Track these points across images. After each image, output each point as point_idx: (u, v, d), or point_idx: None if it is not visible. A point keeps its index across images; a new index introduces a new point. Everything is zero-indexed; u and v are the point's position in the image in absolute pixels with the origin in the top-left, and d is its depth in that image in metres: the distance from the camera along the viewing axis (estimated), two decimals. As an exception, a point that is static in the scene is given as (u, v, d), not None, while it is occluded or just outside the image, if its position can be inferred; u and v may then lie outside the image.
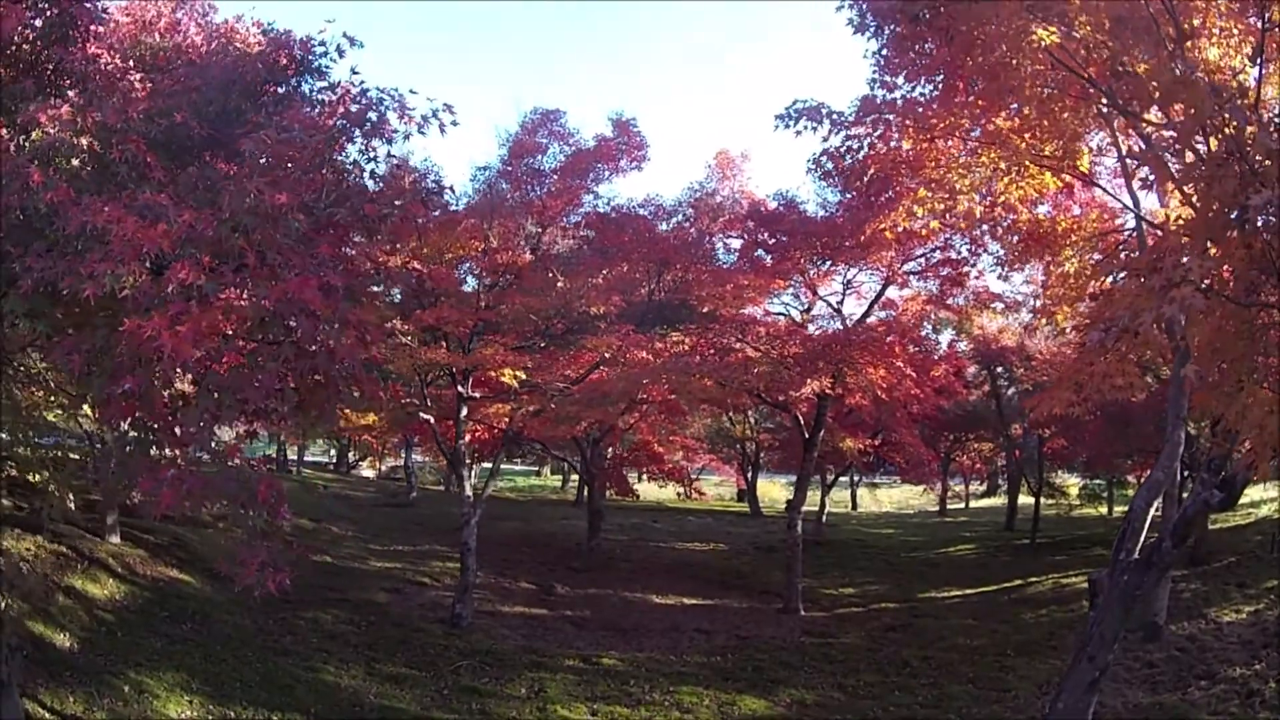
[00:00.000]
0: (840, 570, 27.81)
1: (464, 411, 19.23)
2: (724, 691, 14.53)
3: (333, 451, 55.48)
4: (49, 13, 7.47)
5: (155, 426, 6.66)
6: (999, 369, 34.78)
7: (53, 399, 12.46)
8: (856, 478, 50.65)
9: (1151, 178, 10.91)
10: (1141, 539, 10.48)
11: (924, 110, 11.17)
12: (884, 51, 11.33)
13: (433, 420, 20.31)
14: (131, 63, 8.38)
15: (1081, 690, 9.91)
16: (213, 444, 6.57)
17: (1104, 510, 37.56)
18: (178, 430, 6.64)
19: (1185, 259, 6.21)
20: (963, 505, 51.74)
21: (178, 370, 5.85)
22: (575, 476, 41.62)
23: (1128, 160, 11.86)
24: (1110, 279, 8.24)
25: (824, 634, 18.95)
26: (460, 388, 18.89)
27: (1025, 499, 35.33)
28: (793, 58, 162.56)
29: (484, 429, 26.06)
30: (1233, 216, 6.42)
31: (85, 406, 12.46)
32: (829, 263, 22.49)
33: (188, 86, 7.79)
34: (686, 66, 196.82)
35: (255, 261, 6.18)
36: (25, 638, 10.83)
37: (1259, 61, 8.38)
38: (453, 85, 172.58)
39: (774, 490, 50.81)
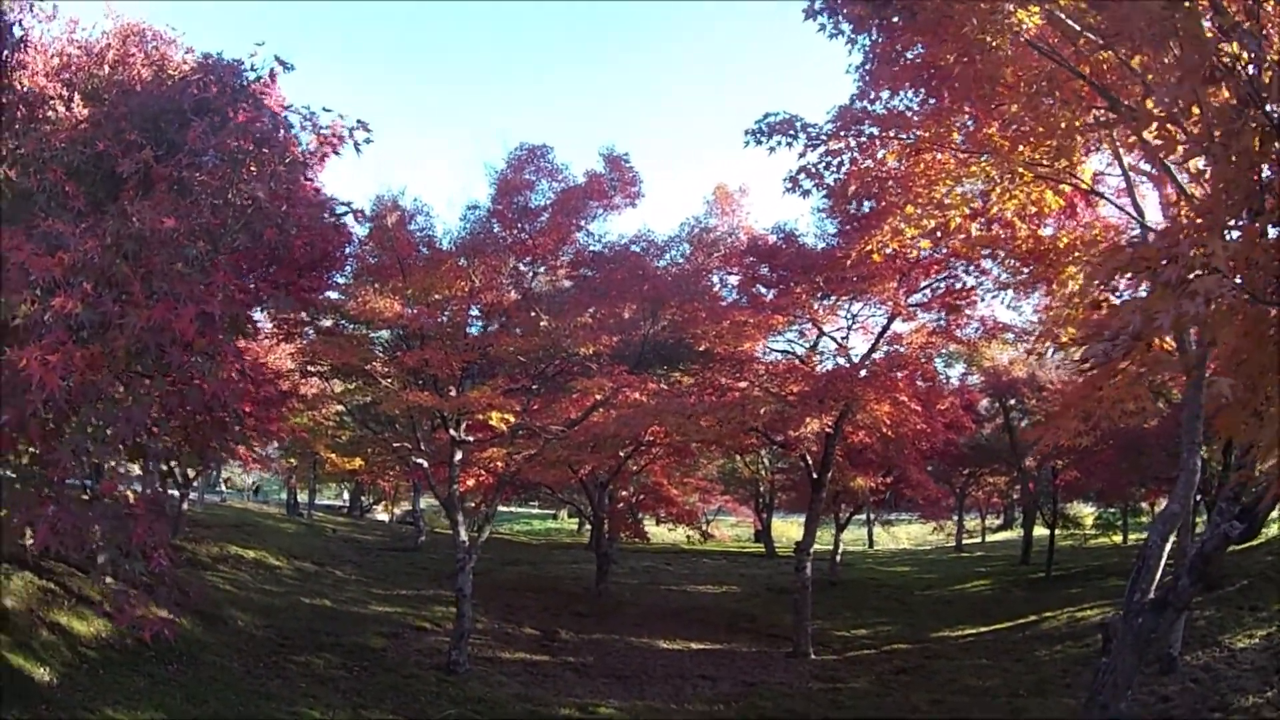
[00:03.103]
0: (853, 611, 27.20)
1: (457, 455, 18.68)
2: (724, 743, 14.04)
3: (346, 494, 55.40)
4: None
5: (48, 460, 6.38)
6: (1011, 401, 34.37)
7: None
8: (871, 516, 50.02)
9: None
10: (1157, 578, 9.80)
11: (908, 120, 10.43)
12: (867, 65, 10.41)
13: (426, 464, 19.75)
14: (78, 95, 8.20)
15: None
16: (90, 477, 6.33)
17: (1119, 539, 37.00)
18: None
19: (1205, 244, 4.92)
20: (979, 540, 50.98)
21: (44, 402, 5.56)
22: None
23: (1130, 171, 11.19)
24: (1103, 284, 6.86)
25: (833, 678, 18.27)
26: (453, 431, 18.35)
27: (1041, 531, 34.77)
28: (805, 84, 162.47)
29: (487, 474, 25.57)
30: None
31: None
32: (832, 297, 21.90)
33: (111, 115, 7.58)
34: (685, 98, 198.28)
35: (140, 289, 5.86)
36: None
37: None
38: (451, 127, 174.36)
39: (790, 530, 49.85)
